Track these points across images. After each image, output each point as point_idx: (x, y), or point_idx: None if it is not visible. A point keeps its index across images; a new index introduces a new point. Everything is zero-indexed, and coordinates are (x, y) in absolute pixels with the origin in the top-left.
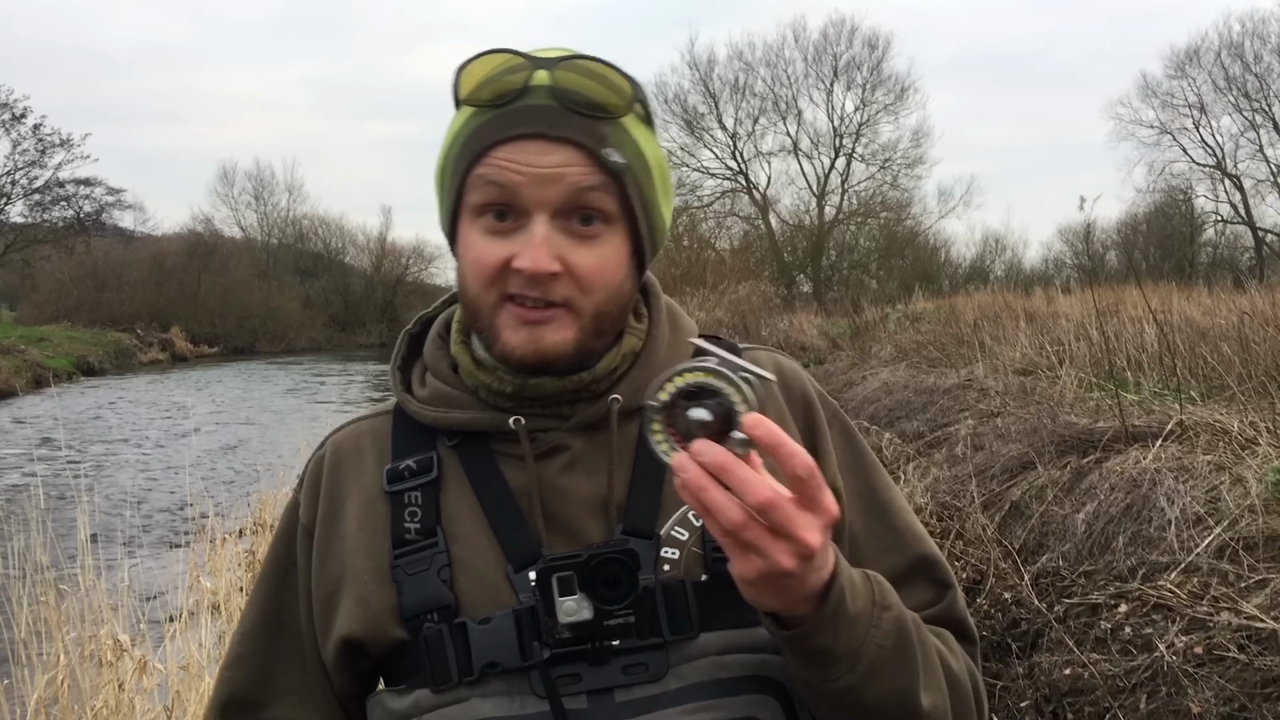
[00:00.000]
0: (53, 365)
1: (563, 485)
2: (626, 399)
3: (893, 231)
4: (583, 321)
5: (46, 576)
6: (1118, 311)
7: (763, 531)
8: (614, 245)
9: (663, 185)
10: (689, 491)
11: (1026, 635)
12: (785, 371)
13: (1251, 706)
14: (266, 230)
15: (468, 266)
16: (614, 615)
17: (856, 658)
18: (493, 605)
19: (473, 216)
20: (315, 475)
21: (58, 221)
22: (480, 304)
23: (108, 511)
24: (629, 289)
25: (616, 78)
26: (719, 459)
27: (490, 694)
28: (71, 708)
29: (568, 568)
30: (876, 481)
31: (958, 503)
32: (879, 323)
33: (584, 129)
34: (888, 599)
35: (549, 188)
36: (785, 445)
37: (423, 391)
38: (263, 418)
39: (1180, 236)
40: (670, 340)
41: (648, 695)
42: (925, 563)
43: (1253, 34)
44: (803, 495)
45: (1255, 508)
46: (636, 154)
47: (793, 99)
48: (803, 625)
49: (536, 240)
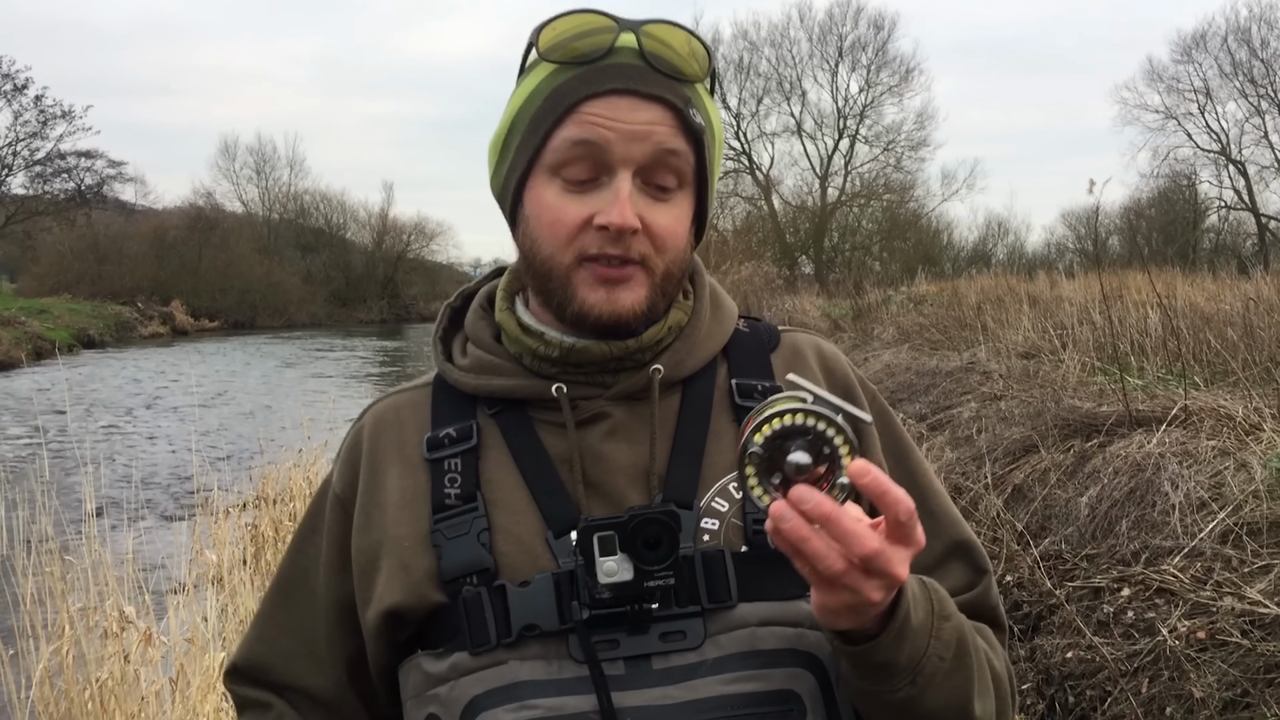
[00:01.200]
0: (53, 337)
1: (604, 452)
2: (668, 370)
3: (895, 214)
4: (654, 280)
5: (51, 547)
6: (1121, 296)
7: (860, 575)
8: (684, 208)
9: (720, 157)
10: (786, 540)
11: (1029, 618)
12: (826, 355)
13: (1254, 691)
14: (268, 205)
15: (544, 226)
16: (654, 576)
17: (917, 670)
18: (532, 569)
19: (549, 175)
20: (354, 446)
21: (59, 193)
22: (555, 263)
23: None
24: (689, 254)
25: (697, 44)
26: (823, 509)
27: (528, 657)
28: (76, 678)
29: (609, 527)
30: (915, 465)
31: (966, 483)
32: (881, 305)
33: (672, 89)
34: (946, 608)
35: (637, 145)
36: (890, 492)
37: (464, 360)
38: (265, 392)
39: (1184, 222)
40: (712, 318)
41: (685, 664)
42: (963, 547)
43: (1260, 19)
44: (899, 535)
45: (1259, 493)
46: (708, 120)
47: (797, 79)
48: (869, 641)
49: (623, 196)
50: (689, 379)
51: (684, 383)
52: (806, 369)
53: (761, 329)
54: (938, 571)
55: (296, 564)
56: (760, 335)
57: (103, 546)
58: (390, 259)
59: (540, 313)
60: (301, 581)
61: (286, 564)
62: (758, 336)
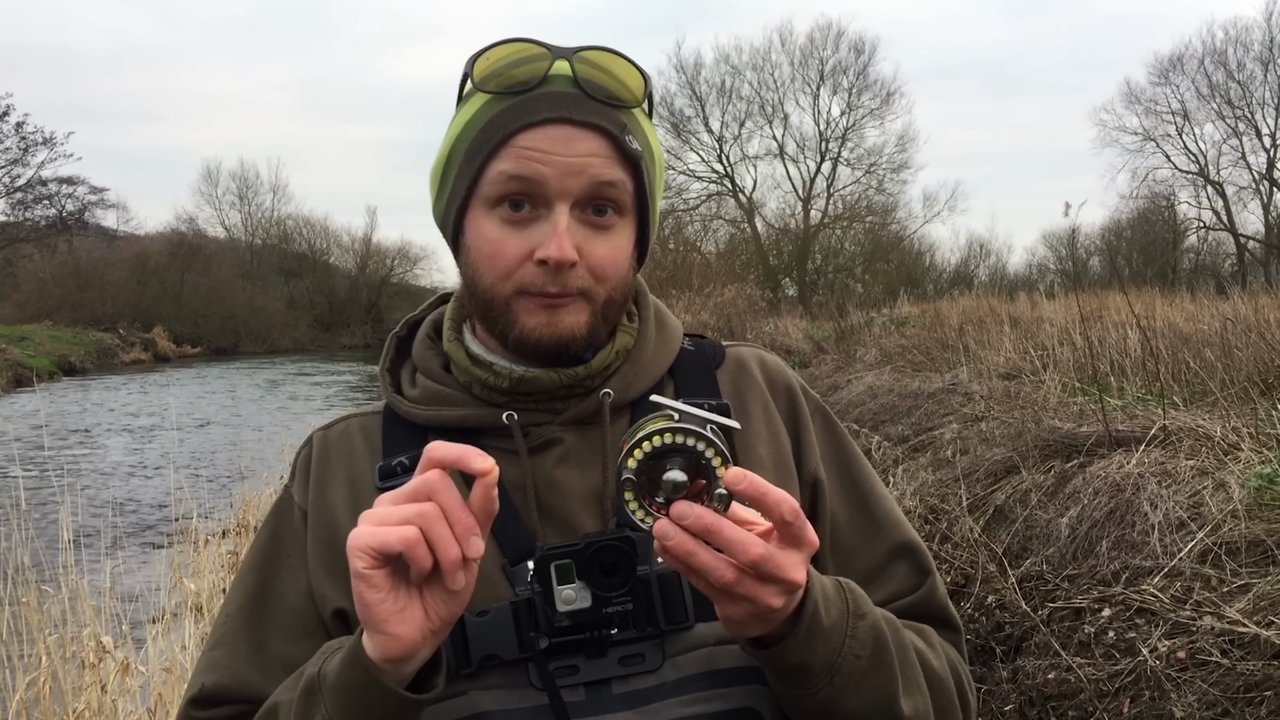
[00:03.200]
0: (34, 364)
1: (557, 479)
2: (617, 394)
3: (878, 236)
4: (594, 308)
5: (28, 577)
6: (1101, 317)
7: (754, 582)
8: (624, 236)
9: (660, 180)
10: (674, 557)
11: (1010, 639)
12: (769, 364)
13: (1234, 711)
14: (250, 230)
15: (483, 259)
16: (612, 602)
17: (833, 670)
18: (489, 599)
19: (487, 207)
20: (305, 462)
21: (40, 220)
22: (495, 293)
23: (90, 512)
24: (631, 280)
25: (631, 69)
26: (704, 521)
27: (489, 687)
28: (54, 709)
29: (565, 556)
30: (857, 471)
31: (945, 505)
32: (864, 327)
33: (607, 116)
34: (862, 607)
35: (573, 178)
36: (769, 494)
37: (413, 392)
38: (246, 418)
39: (1163, 243)
40: (658, 339)
41: (645, 687)
42: (906, 549)
43: (1236, 41)
44: (788, 536)
45: (1238, 513)
46: (646, 145)
47: (779, 103)
48: (777, 645)
49: (560, 230)
50: (637, 401)
51: (633, 405)
52: (751, 381)
53: (706, 346)
54: (883, 575)
55: (264, 584)
56: (705, 353)
57: (80, 576)
58: (374, 283)
59: (488, 340)
60: (274, 599)
61: (251, 583)
62: (703, 354)
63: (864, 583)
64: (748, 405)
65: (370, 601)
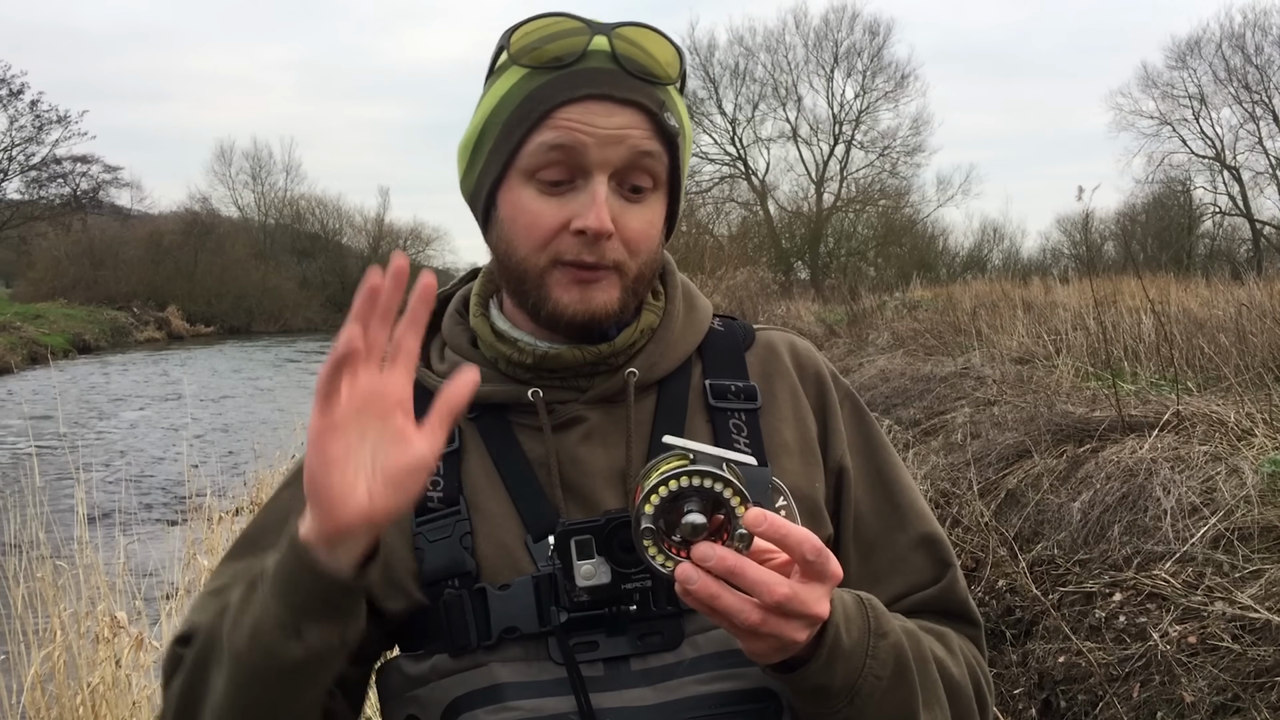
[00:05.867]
0: (48, 342)
1: (580, 456)
2: (643, 373)
3: (891, 219)
4: (626, 283)
5: (43, 552)
6: (1115, 302)
7: (779, 620)
8: (657, 210)
9: (689, 158)
10: (698, 600)
11: (1021, 623)
12: (799, 349)
13: (1244, 696)
14: (264, 210)
15: (520, 229)
16: (631, 579)
17: (854, 691)
18: (512, 573)
19: (524, 179)
20: None
21: (54, 198)
22: (529, 265)
23: (104, 489)
24: (661, 255)
25: (667, 46)
26: (726, 563)
27: (508, 659)
28: (68, 683)
29: (585, 531)
30: (884, 461)
31: (956, 489)
32: (876, 310)
33: (645, 92)
34: (883, 625)
35: (613, 149)
36: (791, 535)
37: (441, 366)
38: (260, 397)
39: (1178, 228)
40: (685, 319)
41: (663, 664)
42: (928, 540)
43: (1254, 25)
44: (812, 573)
45: (1251, 498)
46: (680, 123)
47: (793, 85)
48: (798, 669)
49: (599, 200)
50: (663, 380)
51: (659, 384)
52: (779, 365)
53: (737, 328)
54: (904, 565)
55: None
56: (735, 334)
57: (95, 552)
58: (386, 264)
59: (515, 315)
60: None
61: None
62: (733, 335)
63: (885, 573)
64: (775, 389)
65: (319, 463)
